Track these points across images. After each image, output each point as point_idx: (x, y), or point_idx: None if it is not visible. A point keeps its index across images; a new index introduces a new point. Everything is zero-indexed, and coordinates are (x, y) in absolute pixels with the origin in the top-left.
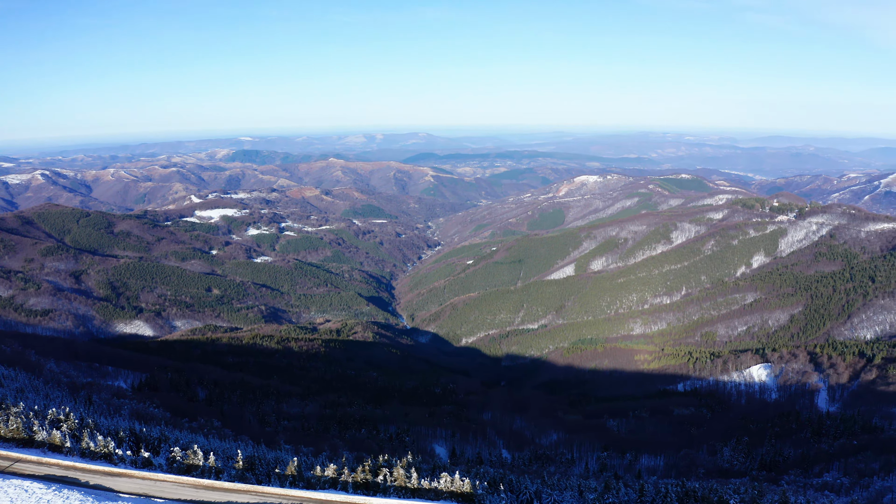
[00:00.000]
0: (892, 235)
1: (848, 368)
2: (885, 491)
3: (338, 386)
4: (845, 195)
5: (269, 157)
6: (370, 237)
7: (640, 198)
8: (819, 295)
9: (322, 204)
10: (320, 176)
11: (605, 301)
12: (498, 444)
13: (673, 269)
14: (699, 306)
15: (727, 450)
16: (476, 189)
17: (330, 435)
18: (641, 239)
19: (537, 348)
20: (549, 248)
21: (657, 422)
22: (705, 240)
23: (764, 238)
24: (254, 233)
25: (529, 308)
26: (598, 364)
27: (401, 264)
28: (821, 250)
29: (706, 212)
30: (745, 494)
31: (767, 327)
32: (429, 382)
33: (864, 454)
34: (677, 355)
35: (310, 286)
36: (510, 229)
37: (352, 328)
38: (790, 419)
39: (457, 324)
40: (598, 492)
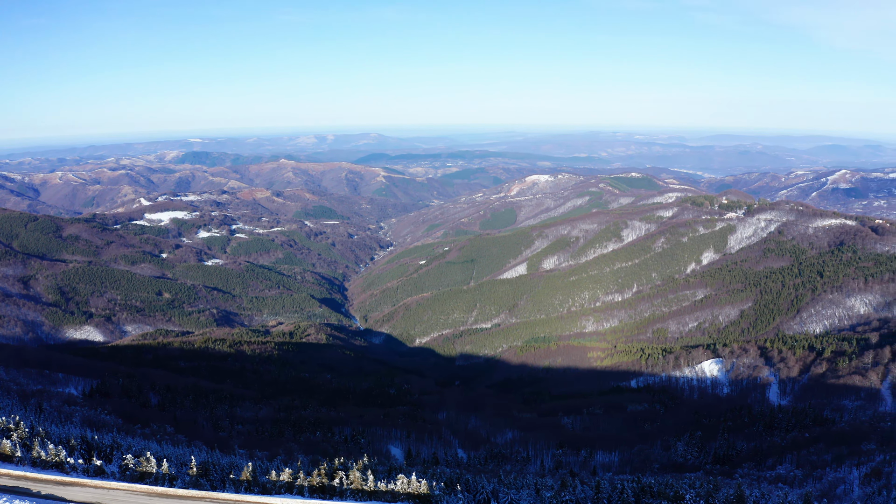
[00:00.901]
0: (839, 231)
1: (798, 362)
2: (837, 482)
3: (292, 389)
4: (793, 192)
5: (219, 158)
6: (322, 238)
7: (591, 197)
8: (768, 290)
9: (273, 205)
10: (271, 177)
11: (558, 299)
12: (454, 443)
13: (624, 267)
14: (650, 303)
15: (681, 444)
16: (428, 189)
17: (285, 438)
18: (593, 237)
19: (491, 347)
20: (502, 247)
21: (611, 418)
22: (655, 237)
23: (713, 235)
24: (204, 235)
25: (483, 307)
26: (552, 362)
27: (353, 265)
28: (769, 246)
29: (656, 210)
30: (700, 489)
31: (718, 323)
32: (383, 383)
33: (817, 446)
34: (630, 352)
35: (262, 288)
36: (462, 229)
37: (305, 330)
38: (742, 413)
39: (410, 324)
40: (554, 490)
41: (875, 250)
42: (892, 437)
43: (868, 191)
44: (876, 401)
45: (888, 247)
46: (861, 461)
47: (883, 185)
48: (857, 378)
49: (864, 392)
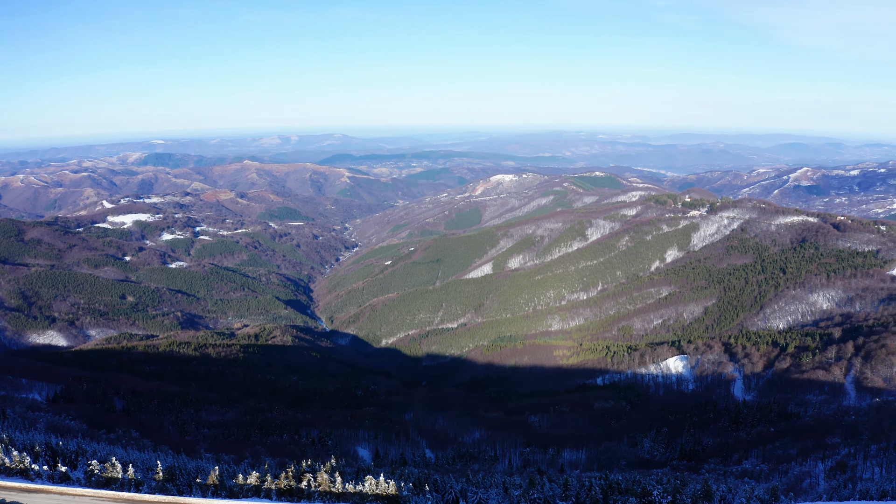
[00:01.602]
0: (801, 228)
1: (762, 358)
2: (803, 476)
3: (258, 391)
4: (755, 190)
5: (182, 160)
6: (287, 240)
7: (556, 196)
8: (732, 287)
9: (237, 207)
10: (235, 178)
11: (524, 298)
12: (421, 444)
13: (589, 266)
14: (615, 301)
15: (648, 441)
16: (393, 189)
17: (251, 441)
18: (558, 236)
19: (457, 347)
20: (467, 247)
21: (578, 416)
22: (620, 236)
23: (677, 233)
24: (168, 238)
25: (449, 307)
26: (518, 361)
27: (318, 266)
28: (732, 244)
29: (620, 208)
30: (667, 484)
31: (682, 320)
32: (350, 385)
33: (782, 440)
34: (595, 350)
35: (226, 291)
36: (428, 229)
37: (270, 332)
38: (708, 409)
39: (376, 325)
40: (522, 488)
41: (837, 246)
42: (856, 430)
43: (829, 188)
44: (840, 395)
45: (850, 243)
46: (826, 455)
47: (844, 183)
48: (820, 373)
49: (827, 386)
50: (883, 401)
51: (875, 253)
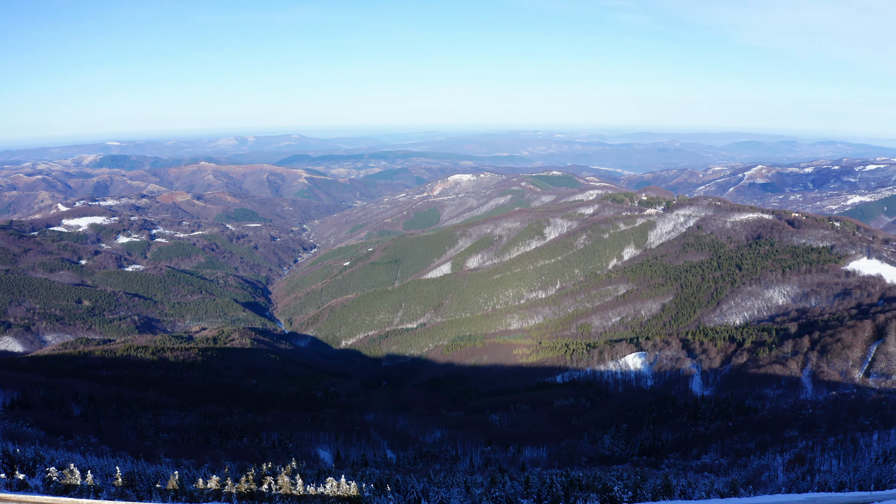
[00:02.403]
0: (756, 225)
1: (720, 353)
2: (762, 469)
3: (217, 395)
4: (711, 188)
5: (137, 161)
6: (244, 241)
7: (514, 195)
8: (689, 284)
9: (194, 209)
10: (191, 180)
11: (483, 297)
12: (382, 444)
13: (547, 264)
14: (574, 299)
15: (608, 437)
16: (351, 190)
17: (211, 446)
18: (516, 235)
19: (417, 347)
20: (426, 247)
21: (538, 414)
22: (577, 234)
23: (634, 231)
24: (124, 241)
25: (408, 307)
26: (478, 360)
27: (277, 268)
28: (689, 241)
29: (578, 207)
30: (628, 480)
31: (640, 317)
32: (310, 387)
33: (740, 435)
34: (555, 348)
35: (184, 294)
36: (386, 229)
37: (229, 335)
38: (667, 404)
39: (336, 326)
40: (484, 486)
41: (792, 243)
42: (814, 423)
43: (784, 185)
44: (797, 389)
45: (804, 239)
46: (784, 448)
47: (798, 180)
48: (777, 367)
49: (784, 380)
50: (839, 394)
51: (830, 249)
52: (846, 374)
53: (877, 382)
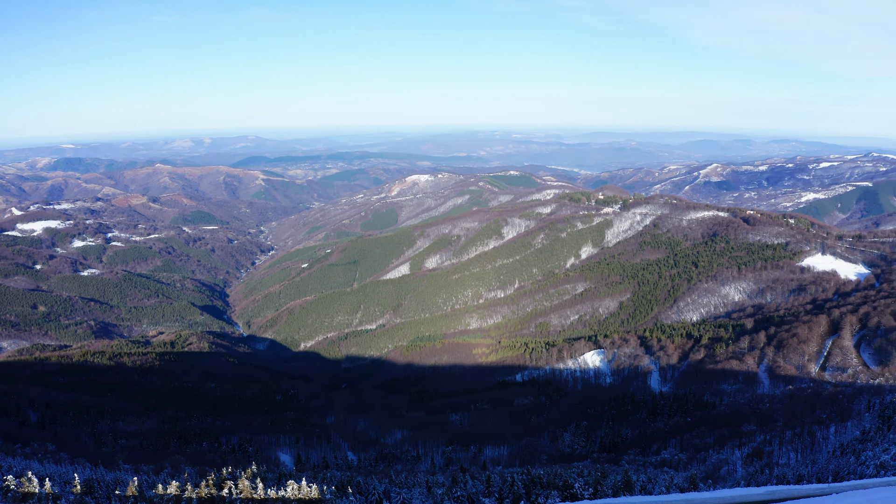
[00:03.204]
0: (712, 222)
1: (677, 350)
2: (720, 463)
3: (175, 400)
4: (667, 186)
5: (92, 164)
6: (201, 244)
7: (471, 195)
8: (646, 282)
9: (150, 212)
10: (147, 183)
11: (442, 298)
12: (343, 446)
13: (505, 264)
14: (532, 298)
15: (568, 435)
16: (308, 191)
17: (170, 451)
18: (474, 235)
19: (377, 348)
20: (384, 247)
21: (498, 413)
22: (535, 234)
23: (591, 230)
24: (79, 245)
25: (367, 309)
26: (438, 360)
27: (234, 271)
28: (645, 239)
29: (535, 207)
30: (588, 477)
31: (598, 315)
32: (269, 390)
33: (699, 430)
34: (514, 347)
35: (140, 298)
36: (344, 231)
37: (186, 339)
38: (626, 401)
39: (294, 328)
40: (445, 486)
41: (747, 240)
42: (771, 417)
43: (739, 183)
44: (754, 383)
45: (759, 236)
46: (742, 442)
47: (753, 178)
48: (734, 362)
49: (741, 375)
50: (796, 388)
51: (784, 245)
52: (802, 368)
53: (833, 376)
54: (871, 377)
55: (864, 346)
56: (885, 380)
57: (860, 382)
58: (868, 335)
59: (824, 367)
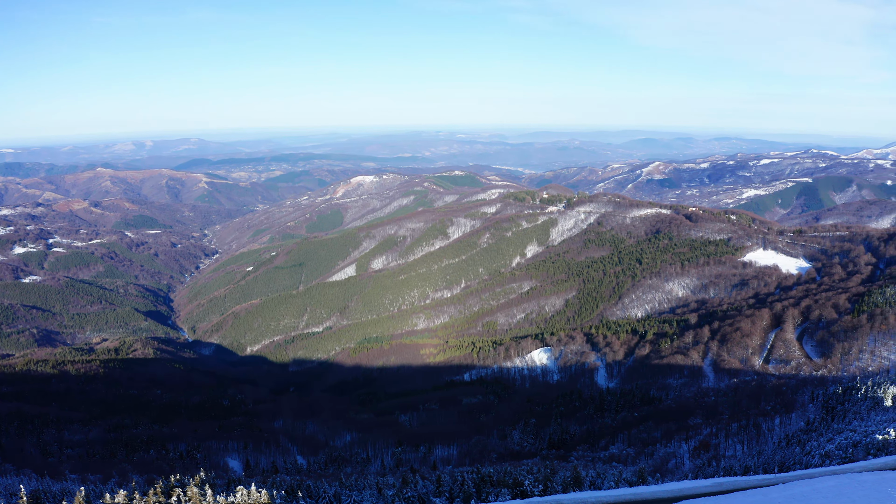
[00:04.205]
0: (655, 220)
1: (623, 346)
2: (668, 457)
3: (121, 407)
4: (610, 184)
5: (32, 169)
6: (144, 249)
7: (417, 196)
8: (591, 279)
9: (92, 217)
10: (88, 187)
11: (388, 299)
12: (292, 450)
13: (452, 264)
14: (479, 297)
15: (516, 433)
16: (252, 194)
17: (118, 460)
18: (420, 236)
19: (324, 351)
20: (330, 249)
21: (448, 413)
22: (481, 233)
23: (536, 229)
24: (20, 251)
25: (313, 311)
26: (386, 361)
27: (178, 275)
28: (590, 237)
29: (480, 206)
30: (538, 474)
31: (545, 313)
32: (216, 395)
33: (646, 424)
34: (461, 346)
35: (83, 304)
36: (289, 233)
37: (131, 346)
38: (573, 398)
39: (240, 332)
40: (396, 487)
41: (690, 236)
42: (717, 410)
43: (681, 181)
44: (699, 377)
45: (702, 232)
46: (689, 435)
47: (695, 175)
48: (679, 357)
49: (687, 370)
50: (740, 381)
51: (726, 241)
52: (746, 361)
53: (776, 368)
54: (813, 369)
55: (806, 339)
56: (828, 371)
57: (803, 374)
58: (810, 328)
59: (768, 359)
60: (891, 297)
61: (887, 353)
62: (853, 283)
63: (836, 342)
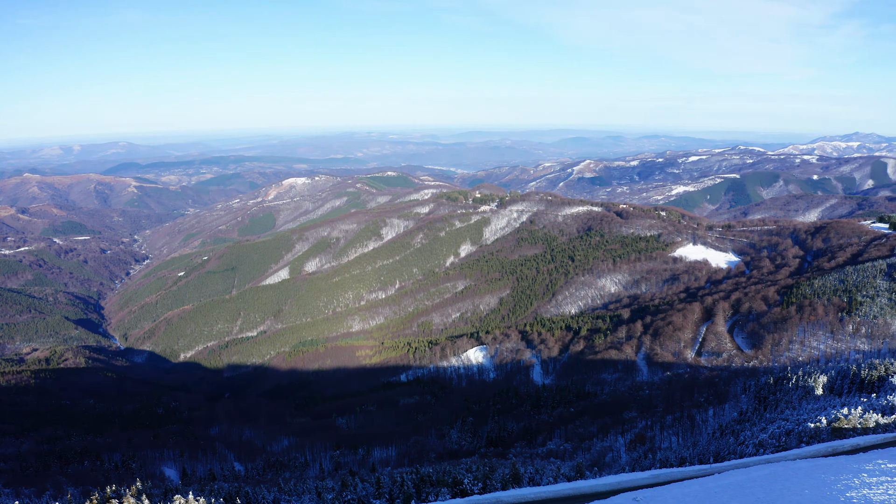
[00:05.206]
0: (587, 217)
1: (557, 342)
2: (605, 451)
3: (54, 419)
4: (542, 183)
5: None
6: (74, 256)
7: (349, 197)
8: (524, 277)
9: (19, 224)
10: (15, 193)
11: (323, 301)
12: (229, 457)
13: (386, 265)
14: (413, 298)
15: (455, 432)
16: (183, 198)
17: (52, 472)
18: (353, 237)
19: (259, 355)
20: (262, 253)
21: (385, 414)
22: (414, 234)
23: (469, 228)
24: None
25: (247, 315)
26: (322, 364)
27: (108, 282)
28: (523, 236)
29: (413, 207)
30: (477, 472)
31: (480, 312)
32: (150, 403)
33: (582, 419)
34: (397, 347)
35: (12, 314)
36: (221, 237)
37: (62, 355)
38: (510, 395)
39: (173, 339)
40: (336, 491)
41: (621, 233)
42: (651, 403)
43: (612, 178)
44: (633, 371)
45: (633, 229)
46: (625, 429)
47: (625, 173)
48: (613, 352)
49: (621, 364)
50: (673, 374)
51: (657, 237)
52: (679, 354)
53: (708, 361)
54: (745, 360)
55: (737, 331)
56: (759, 362)
57: (735, 366)
58: (741, 320)
59: (700, 352)
60: (819, 289)
61: (817, 343)
62: (782, 276)
63: (766, 334)
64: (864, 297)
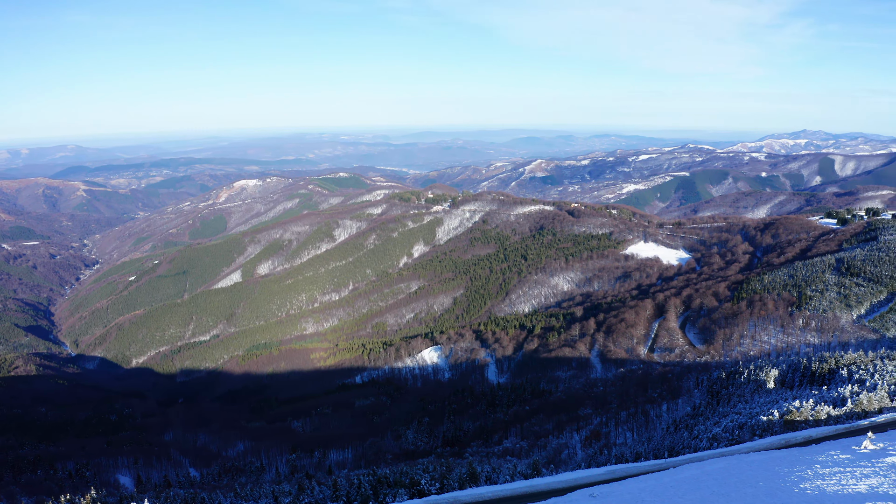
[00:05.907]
0: (539, 216)
1: (512, 341)
2: (561, 448)
3: (5, 428)
4: (494, 183)
5: None
6: (22, 261)
7: (301, 198)
8: (478, 277)
9: None
10: None
11: (276, 304)
12: (184, 463)
13: (339, 266)
14: (367, 299)
15: (411, 432)
16: (132, 201)
17: (4, 482)
18: (305, 239)
19: (212, 360)
20: (214, 256)
21: (341, 416)
22: (367, 235)
23: (422, 228)
24: None
25: (199, 319)
26: (276, 367)
27: (58, 288)
28: (476, 235)
29: (366, 208)
30: (434, 472)
31: (434, 312)
32: (103, 410)
33: (538, 417)
34: (352, 349)
35: None
36: (172, 240)
37: (12, 363)
38: (465, 395)
39: (125, 344)
40: (292, 494)
41: (573, 231)
42: (606, 400)
43: (563, 177)
44: (587, 369)
45: (584, 227)
46: (580, 426)
47: (576, 172)
48: (567, 350)
49: (575, 362)
50: (627, 370)
51: (608, 235)
52: (632, 351)
53: (661, 356)
54: (697, 355)
55: (689, 327)
56: (711, 357)
57: (688, 361)
58: (692, 316)
59: (653, 348)
60: (769, 284)
61: (767, 337)
62: (732, 272)
63: (717, 329)
64: (813, 291)
